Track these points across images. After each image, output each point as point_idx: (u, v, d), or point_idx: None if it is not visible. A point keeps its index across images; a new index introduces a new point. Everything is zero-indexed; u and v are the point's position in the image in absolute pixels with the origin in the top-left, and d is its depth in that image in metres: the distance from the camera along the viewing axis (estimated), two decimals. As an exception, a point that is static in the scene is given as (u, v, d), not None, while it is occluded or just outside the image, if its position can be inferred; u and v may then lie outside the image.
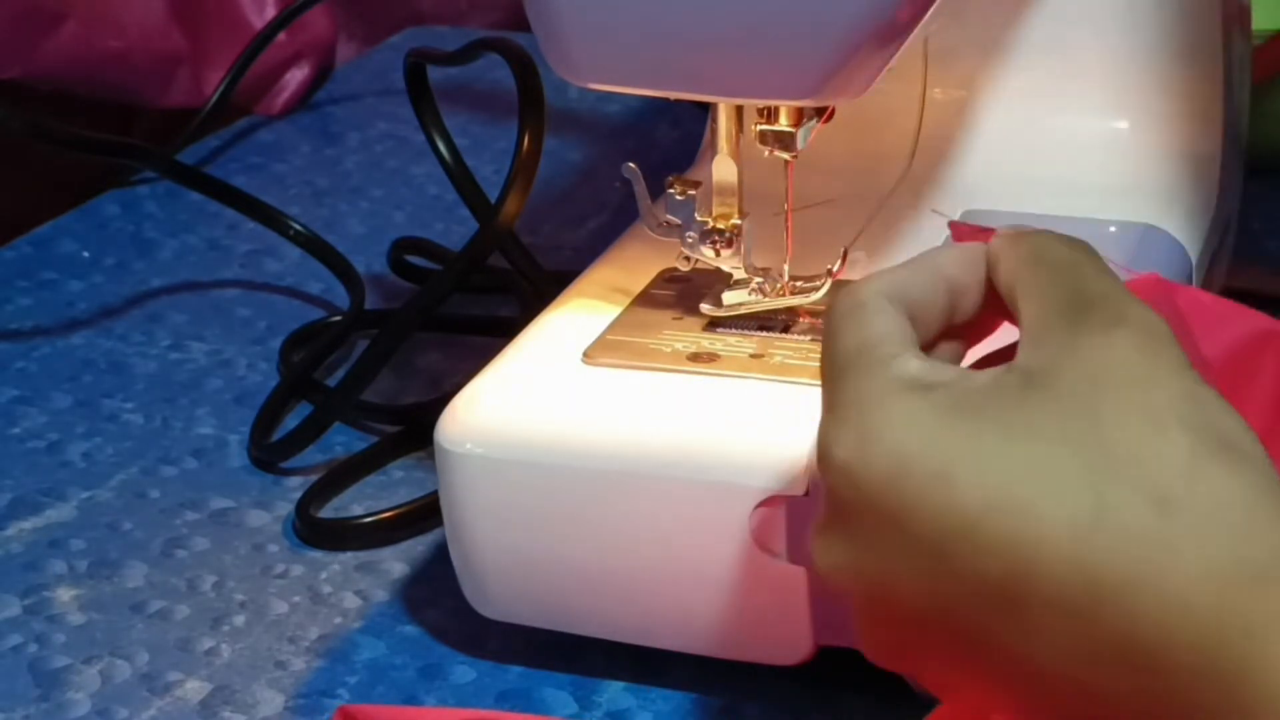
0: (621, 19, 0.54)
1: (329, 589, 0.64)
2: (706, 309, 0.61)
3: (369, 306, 0.83)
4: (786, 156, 0.58)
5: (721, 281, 0.61)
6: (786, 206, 0.60)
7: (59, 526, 0.69)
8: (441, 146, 0.77)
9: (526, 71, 0.72)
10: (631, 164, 0.60)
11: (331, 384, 0.76)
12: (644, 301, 0.62)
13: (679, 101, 0.59)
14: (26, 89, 0.96)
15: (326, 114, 1.12)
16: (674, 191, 0.60)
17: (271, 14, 1.10)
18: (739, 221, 0.60)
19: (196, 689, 0.59)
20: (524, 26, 0.57)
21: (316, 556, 0.66)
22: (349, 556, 0.66)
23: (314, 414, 0.72)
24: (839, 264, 0.60)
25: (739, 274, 0.60)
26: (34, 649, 0.61)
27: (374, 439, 0.73)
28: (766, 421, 0.55)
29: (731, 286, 0.60)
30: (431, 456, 0.58)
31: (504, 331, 0.65)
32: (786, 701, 0.57)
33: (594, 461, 0.55)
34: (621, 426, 0.56)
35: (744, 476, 0.54)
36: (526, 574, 0.57)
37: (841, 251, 0.60)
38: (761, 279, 0.60)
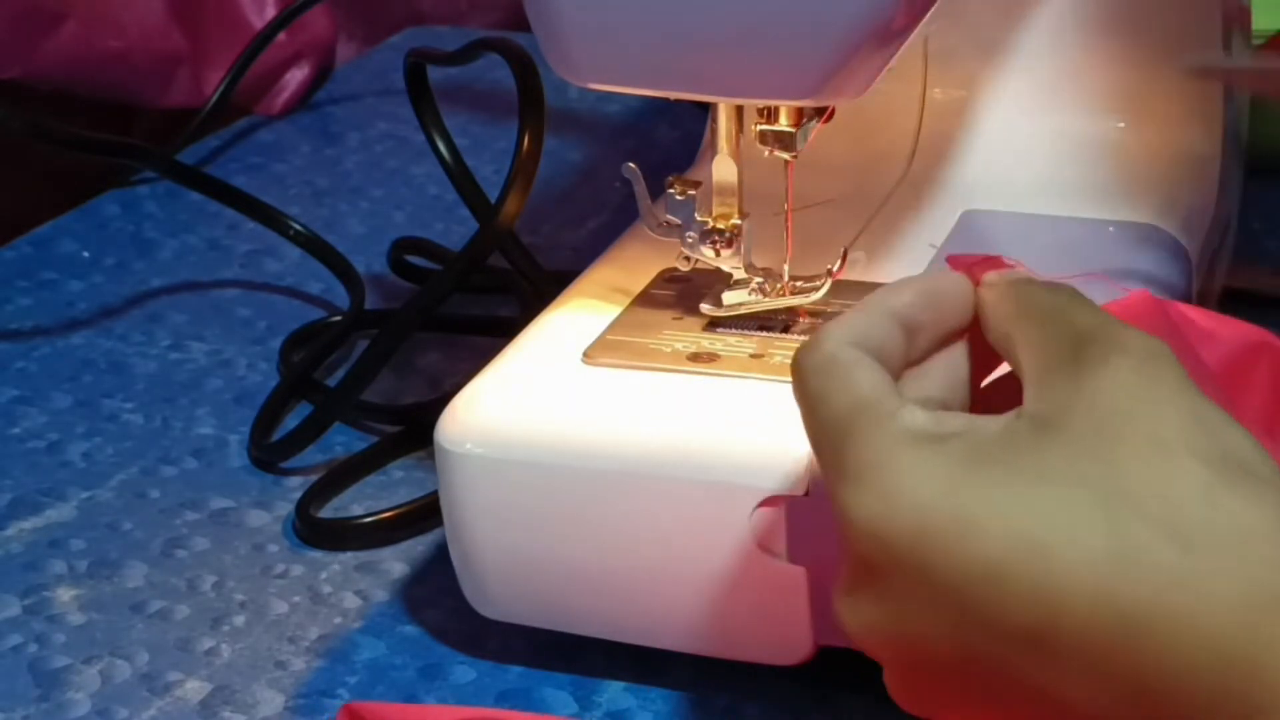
0: (621, 19, 0.54)
1: (329, 589, 0.64)
2: (706, 309, 0.61)
3: (369, 306, 0.83)
4: (786, 156, 0.58)
5: (721, 281, 0.61)
6: (786, 206, 0.60)
7: (59, 526, 0.69)
8: (441, 146, 0.77)
9: (526, 71, 0.72)
10: (631, 164, 0.60)
11: (331, 384, 0.76)
12: (644, 301, 0.62)
13: (679, 101, 0.59)
14: (26, 89, 0.96)
15: (326, 114, 1.12)
16: (674, 191, 0.60)
17: (271, 14, 1.10)
18: (739, 221, 0.60)
19: (196, 689, 0.59)
20: (524, 26, 0.57)
21: (316, 556, 0.66)
22: (349, 556, 0.66)
23: (314, 414, 0.72)
24: (839, 264, 0.60)
25: (739, 274, 0.60)
26: (34, 649, 0.61)
27: (374, 439, 0.73)
28: (766, 421, 0.55)
29: (731, 286, 0.60)
30: (431, 456, 0.58)
31: (504, 331, 0.65)
32: (786, 701, 0.57)
33: (594, 461, 0.55)
34: (621, 426, 0.56)
35: (744, 476, 0.53)
36: (526, 574, 0.57)
37: (841, 251, 0.60)
38: (761, 279, 0.60)
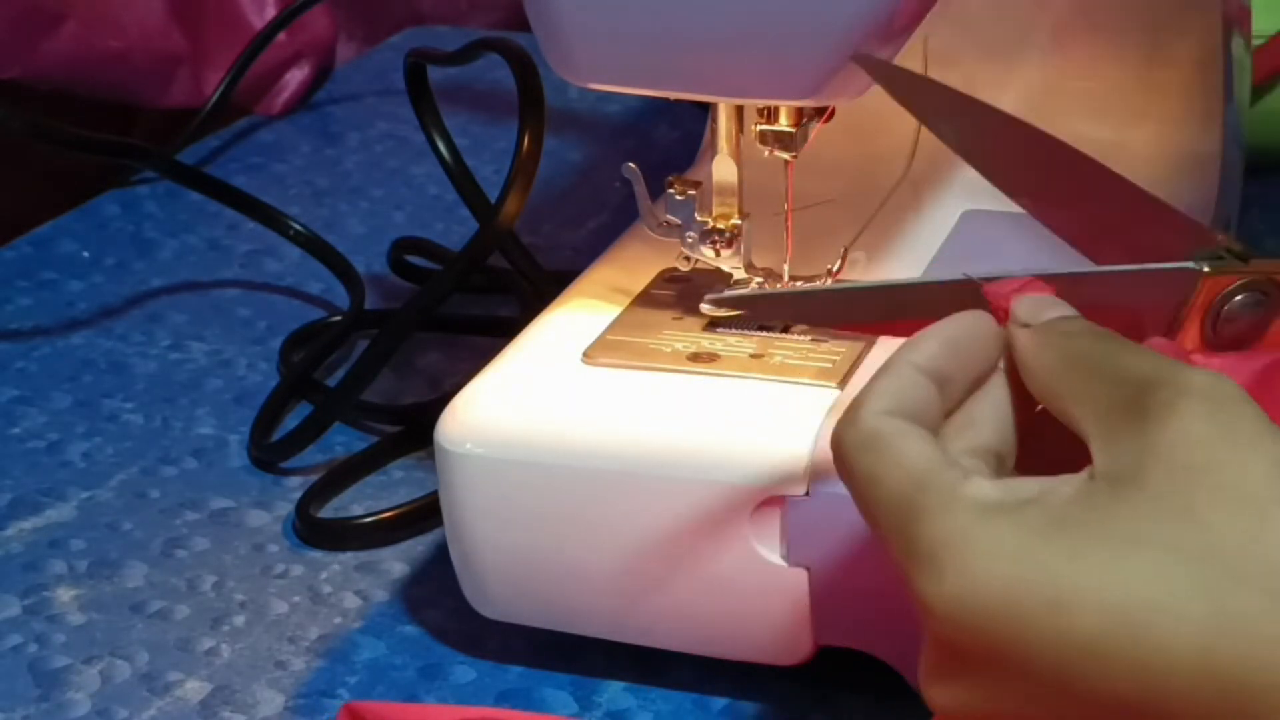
0: (621, 19, 0.54)
1: (329, 589, 0.64)
2: (707, 309, 0.61)
3: (369, 306, 0.83)
4: (786, 156, 0.58)
5: (721, 281, 0.61)
6: (786, 206, 0.60)
7: (59, 526, 0.69)
8: (441, 146, 0.77)
9: (526, 71, 0.72)
10: (631, 164, 0.60)
11: (331, 384, 0.75)
12: (644, 301, 0.62)
13: (679, 101, 0.59)
14: (26, 89, 0.96)
15: (326, 114, 1.12)
16: (674, 191, 0.60)
17: (271, 14, 1.10)
18: (739, 221, 0.60)
19: (196, 689, 0.59)
20: (524, 26, 0.57)
21: (316, 556, 0.66)
22: (349, 556, 0.66)
23: (314, 414, 0.72)
24: (839, 264, 0.60)
25: (739, 274, 0.60)
26: (34, 649, 0.61)
27: (374, 439, 0.73)
28: (766, 421, 0.55)
29: (731, 286, 0.60)
30: (431, 456, 0.58)
31: (504, 331, 0.65)
32: (786, 701, 0.57)
33: (594, 461, 0.55)
34: (621, 426, 0.56)
35: (744, 476, 0.53)
36: (526, 574, 0.57)
37: (841, 251, 0.60)
38: (761, 279, 0.60)
